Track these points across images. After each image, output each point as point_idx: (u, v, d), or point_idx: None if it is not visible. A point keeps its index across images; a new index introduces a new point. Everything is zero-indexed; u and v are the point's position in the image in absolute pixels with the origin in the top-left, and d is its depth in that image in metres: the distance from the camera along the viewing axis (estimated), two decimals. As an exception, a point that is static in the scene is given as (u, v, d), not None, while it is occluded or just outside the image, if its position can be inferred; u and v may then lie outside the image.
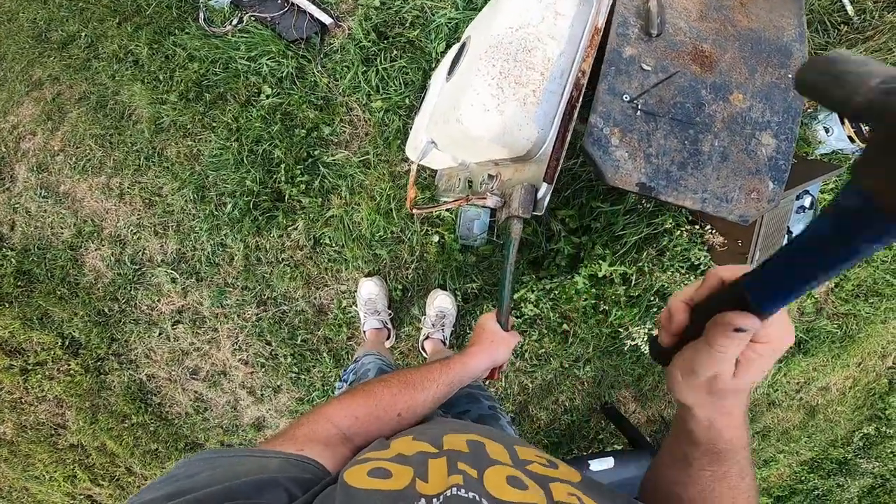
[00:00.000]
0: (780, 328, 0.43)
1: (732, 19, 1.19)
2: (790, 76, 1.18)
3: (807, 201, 1.88)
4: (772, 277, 0.39)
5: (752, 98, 1.13)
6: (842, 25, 1.89)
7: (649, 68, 1.08)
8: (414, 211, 1.76)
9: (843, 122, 1.95)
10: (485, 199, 1.16)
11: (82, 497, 2.33)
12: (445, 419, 0.82)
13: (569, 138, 1.03)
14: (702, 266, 1.81)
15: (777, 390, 2.35)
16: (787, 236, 1.77)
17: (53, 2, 2.13)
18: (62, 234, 2.00)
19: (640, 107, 1.05)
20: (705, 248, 1.80)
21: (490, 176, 1.23)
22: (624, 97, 1.05)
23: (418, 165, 1.84)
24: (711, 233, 1.71)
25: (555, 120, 1.06)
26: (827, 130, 1.99)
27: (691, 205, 1.08)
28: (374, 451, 0.48)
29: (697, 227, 1.70)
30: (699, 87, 1.10)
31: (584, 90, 1.04)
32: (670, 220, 1.68)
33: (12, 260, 2.00)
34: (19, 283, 2.01)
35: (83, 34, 2.05)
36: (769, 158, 1.14)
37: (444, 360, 0.77)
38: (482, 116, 1.06)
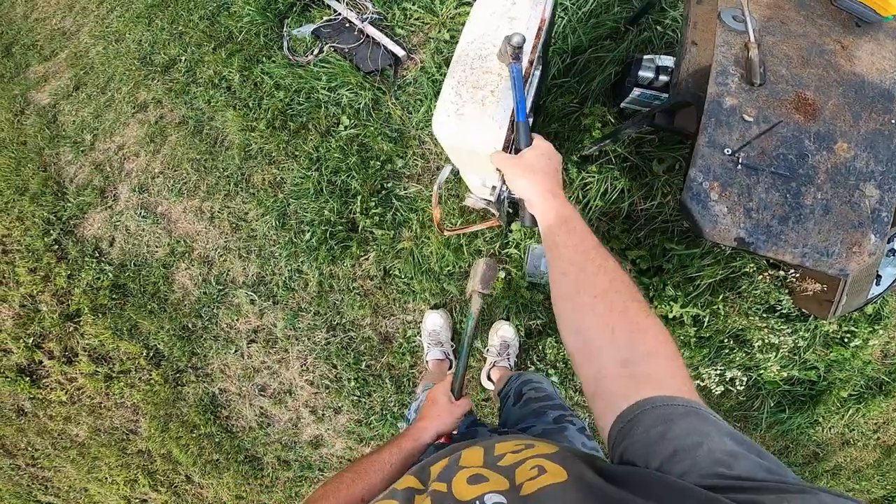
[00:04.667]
0: (536, 137, 0.86)
1: (835, 64, 1.18)
2: (894, 122, 1.15)
3: (896, 245, 1.79)
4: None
5: (857, 147, 1.11)
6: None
7: (751, 119, 1.09)
8: (445, 232, 1.79)
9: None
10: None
11: (137, 501, 2.43)
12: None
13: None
14: (783, 310, 1.74)
15: (853, 430, 2.21)
16: (876, 280, 1.68)
17: (156, 24, 2.36)
18: (157, 252, 2.16)
19: (741, 160, 1.05)
20: (787, 291, 1.74)
21: (494, 187, 1.24)
22: (725, 150, 1.06)
23: (445, 188, 1.88)
24: (795, 277, 1.65)
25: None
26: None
27: (791, 259, 1.06)
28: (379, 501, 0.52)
29: (781, 271, 1.65)
30: (802, 136, 1.09)
31: (531, 76, 1.04)
32: (751, 264, 1.64)
33: (109, 274, 2.18)
34: (114, 296, 2.18)
35: (183, 58, 2.25)
36: (872, 210, 1.11)
37: (395, 439, 0.84)
38: (445, 123, 1.09)
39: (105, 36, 2.45)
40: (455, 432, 0.95)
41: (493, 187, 1.25)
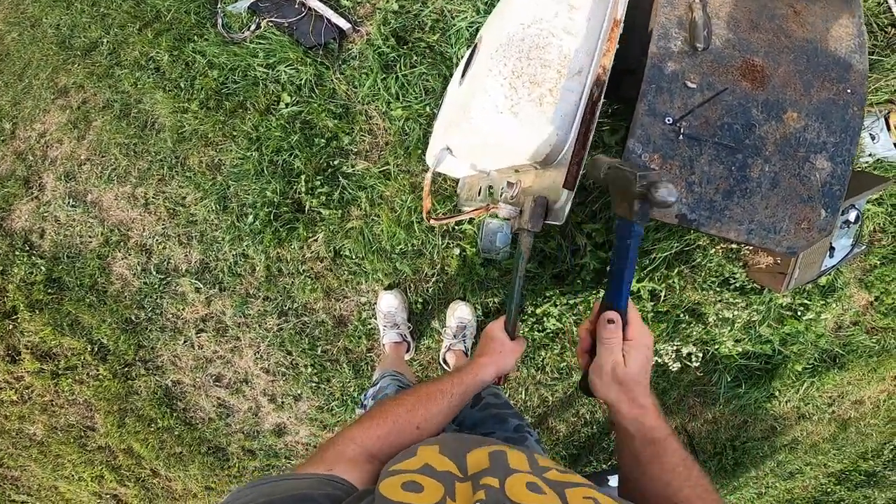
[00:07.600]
0: (637, 329, 0.68)
1: (786, 29, 1.10)
2: (849, 91, 1.09)
3: (852, 215, 1.75)
4: (609, 285, 0.70)
5: (808, 117, 1.05)
6: (889, 28, 1.79)
7: (694, 86, 1.01)
8: (432, 221, 1.71)
9: (889, 129, 1.82)
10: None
11: (108, 496, 2.39)
12: (467, 436, 0.81)
13: (591, 140, 0.94)
14: (737, 283, 1.72)
15: (808, 404, 2.26)
16: (829, 252, 1.66)
17: (76, 7, 2.16)
18: (90, 242, 2.03)
19: (683, 130, 0.98)
20: (740, 264, 1.71)
21: (510, 183, 1.17)
22: (666, 119, 0.98)
23: (437, 174, 1.80)
24: (748, 250, 1.62)
25: (575, 120, 0.97)
26: (873, 138, 1.87)
27: (735, 237, 1.01)
28: (403, 460, 0.51)
29: (733, 244, 1.61)
30: (749, 105, 1.02)
31: (605, 87, 0.96)
32: (704, 237, 1.59)
33: (42, 268, 2.04)
34: (50, 291, 2.05)
35: (105, 40, 2.07)
36: (823, 184, 1.05)
37: (455, 371, 0.81)
38: (495, 119, 0.99)
39: (20, 22, 2.25)
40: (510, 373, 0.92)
41: (510, 184, 1.13)
